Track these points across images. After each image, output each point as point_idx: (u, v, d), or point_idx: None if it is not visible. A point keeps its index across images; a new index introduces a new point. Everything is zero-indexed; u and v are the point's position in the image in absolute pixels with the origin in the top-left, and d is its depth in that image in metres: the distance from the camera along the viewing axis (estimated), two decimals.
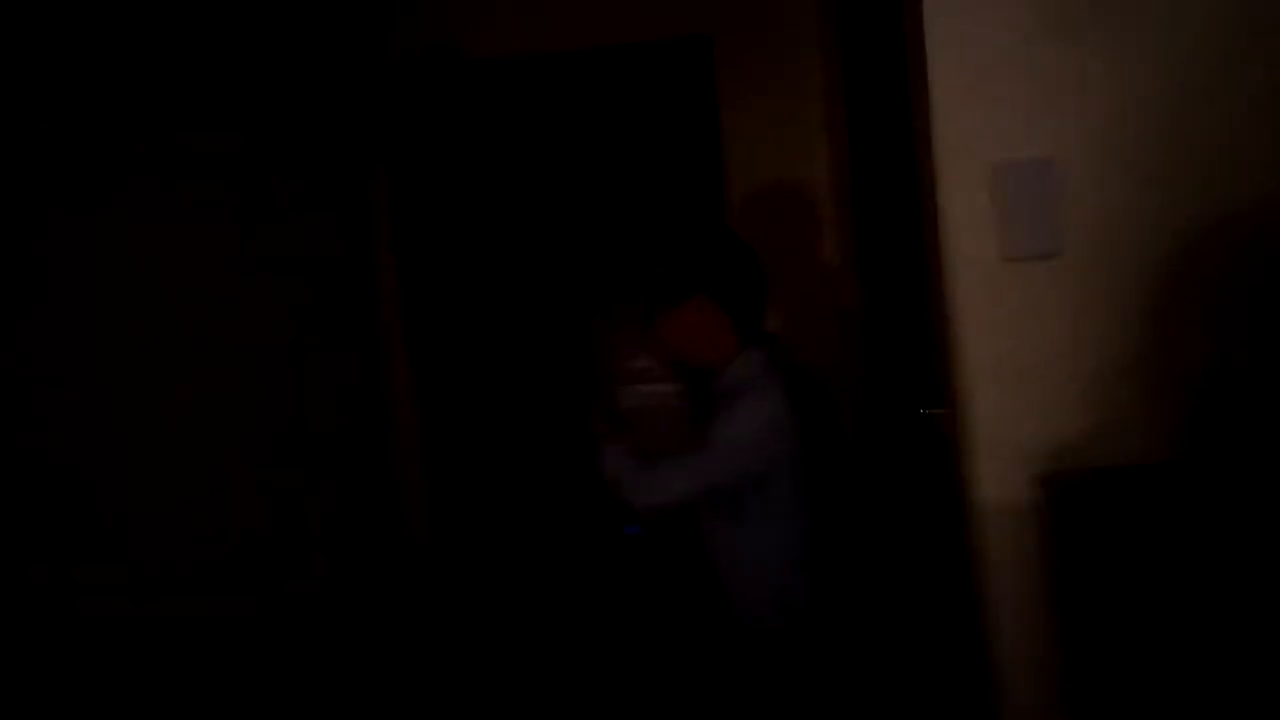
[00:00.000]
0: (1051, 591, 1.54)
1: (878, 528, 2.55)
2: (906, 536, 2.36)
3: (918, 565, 2.29)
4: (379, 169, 2.91)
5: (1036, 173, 1.51)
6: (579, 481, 2.83)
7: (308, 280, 2.71)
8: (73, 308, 2.17)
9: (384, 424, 2.96)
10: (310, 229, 2.73)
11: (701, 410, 2.07)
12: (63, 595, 2.06)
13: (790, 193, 2.78)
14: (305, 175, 2.73)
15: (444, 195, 3.00)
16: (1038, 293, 1.52)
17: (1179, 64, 1.52)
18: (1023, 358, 1.54)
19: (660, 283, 2.08)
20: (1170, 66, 1.52)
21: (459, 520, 3.00)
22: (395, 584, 2.90)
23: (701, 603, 2.20)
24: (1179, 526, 1.35)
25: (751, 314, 2.04)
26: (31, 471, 2.04)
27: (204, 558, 2.39)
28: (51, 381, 2.11)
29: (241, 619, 2.45)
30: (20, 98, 2.11)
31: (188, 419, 2.37)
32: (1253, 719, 1.29)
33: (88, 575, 2.12)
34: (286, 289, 2.64)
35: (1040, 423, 1.54)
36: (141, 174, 2.35)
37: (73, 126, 2.20)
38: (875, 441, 2.51)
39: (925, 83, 1.54)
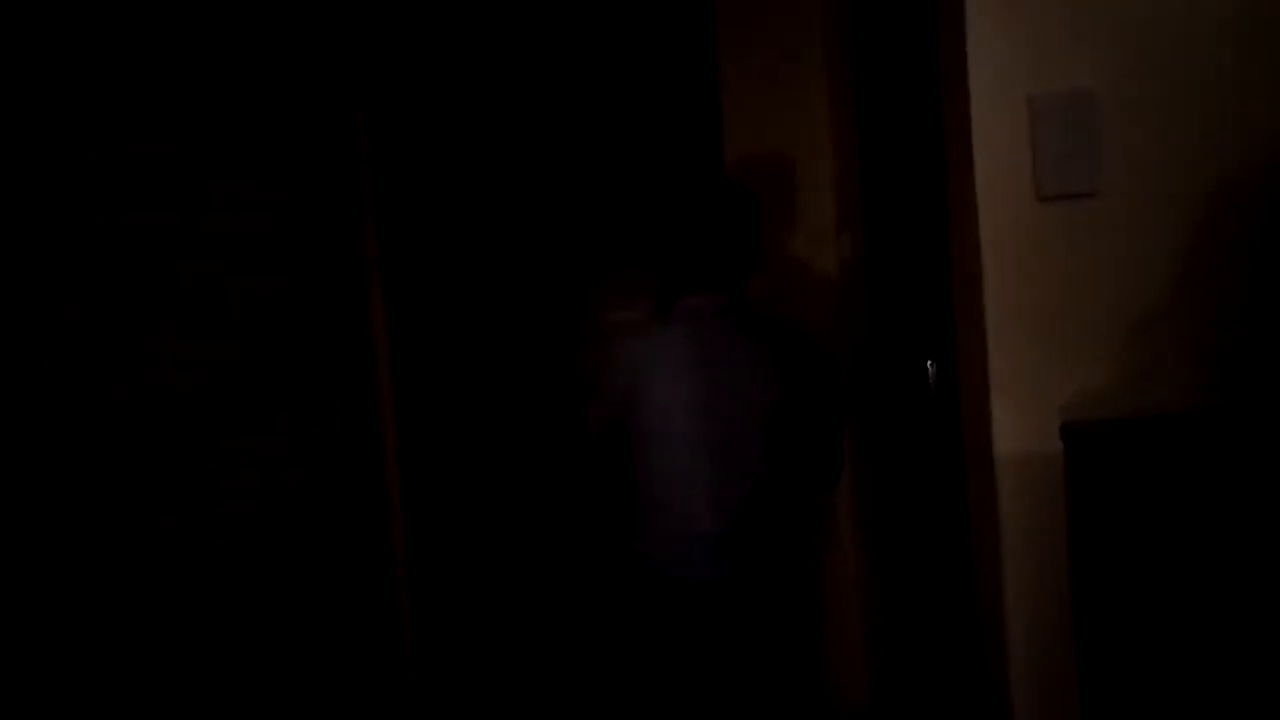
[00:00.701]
0: (1069, 548, 1.48)
1: (877, 480, 2.50)
2: (906, 490, 2.31)
3: (917, 520, 2.25)
4: (359, 113, 2.78)
5: (1076, 105, 1.44)
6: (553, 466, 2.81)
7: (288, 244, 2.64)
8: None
9: (367, 390, 2.89)
10: (289, 190, 2.63)
11: None
12: None
13: (789, 134, 2.69)
14: (281, 128, 2.61)
15: (428, 147, 2.88)
16: (1073, 234, 1.46)
17: None
18: (1054, 302, 1.48)
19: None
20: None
21: (433, 488, 2.94)
22: (371, 547, 2.84)
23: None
24: (1205, 481, 1.28)
25: (692, 266, 2.02)
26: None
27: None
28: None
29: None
30: None
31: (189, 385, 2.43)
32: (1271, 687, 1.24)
33: None
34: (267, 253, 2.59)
35: (1068, 371, 1.48)
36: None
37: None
38: (876, 392, 2.46)
39: (961, 11, 1.47)
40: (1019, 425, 1.49)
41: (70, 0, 2.26)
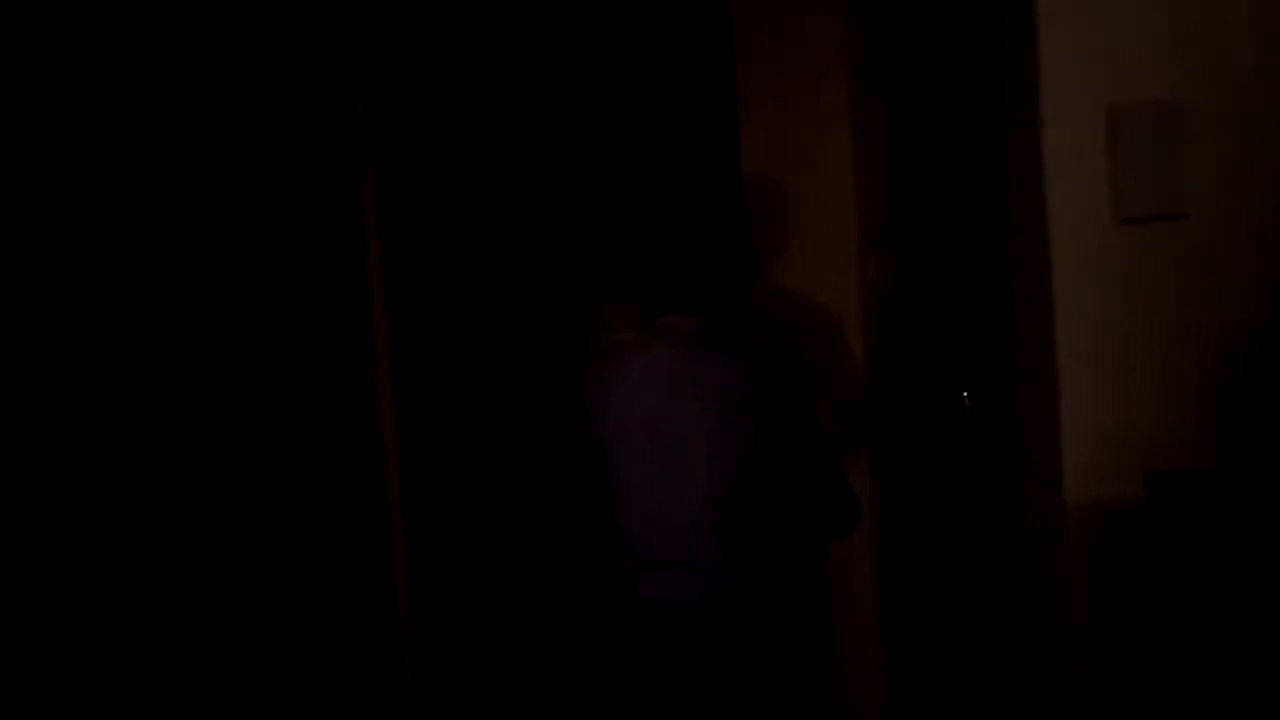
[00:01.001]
0: (1155, 608, 1.35)
1: (904, 519, 2.37)
2: (939, 532, 2.18)
3: (952, 564, 2.11)
4: (361, 115, 2.69)
5: (1162, 116, 1.29)
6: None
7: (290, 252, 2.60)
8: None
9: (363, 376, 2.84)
10: (289, 190, 2.59)
11: None
12: None
13: (810, 138, 2.53)
14: (281, 127, 2.55)
15: (432, 148, 2.79)
16: (1159, 260, 1.32)
17: None
18: (1134, 337, 1.34)
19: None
20: None
21: (433, 491, 2.89)
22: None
23: None
24: None
25: (671, 287, 1.97)
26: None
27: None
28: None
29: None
30: None
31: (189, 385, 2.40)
32: None
33: None
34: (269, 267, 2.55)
35: (1151, 411, 1.34)
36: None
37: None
38: (906, 426, 2.32)
39: (1031, 13, 1.32)
40: (1094, 469, 1.36)
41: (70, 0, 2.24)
